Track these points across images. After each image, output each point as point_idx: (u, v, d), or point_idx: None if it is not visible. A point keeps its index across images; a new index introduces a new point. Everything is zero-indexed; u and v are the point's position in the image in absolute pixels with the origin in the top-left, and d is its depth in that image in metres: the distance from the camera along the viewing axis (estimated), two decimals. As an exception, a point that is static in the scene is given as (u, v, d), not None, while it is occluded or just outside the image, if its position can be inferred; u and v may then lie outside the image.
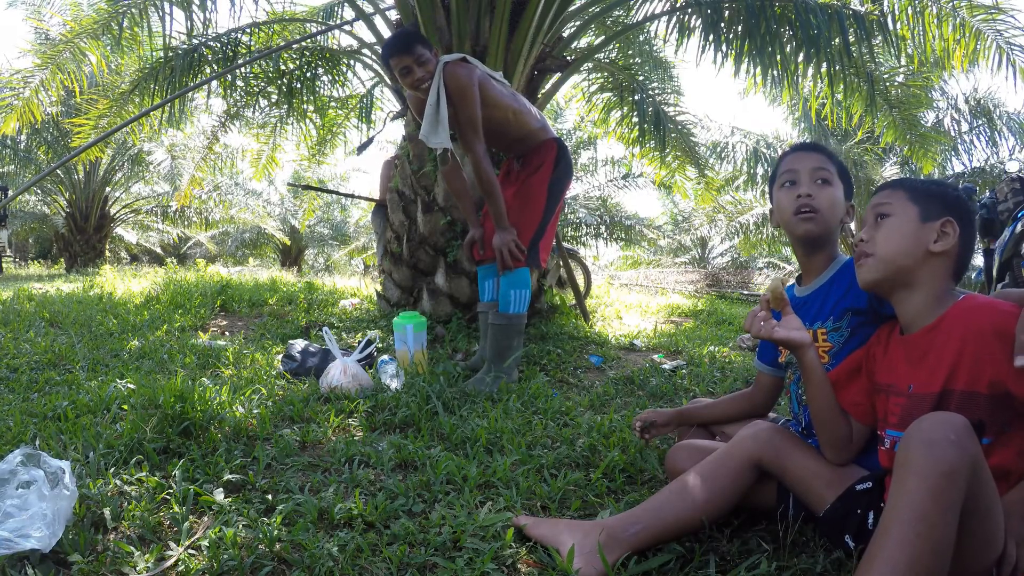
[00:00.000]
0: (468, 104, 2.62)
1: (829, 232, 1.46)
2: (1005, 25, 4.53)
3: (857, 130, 10.14)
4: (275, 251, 22.77)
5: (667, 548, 1.27)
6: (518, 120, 2.84)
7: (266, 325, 4.13)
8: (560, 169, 2.87)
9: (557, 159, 2.87)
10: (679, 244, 20.34)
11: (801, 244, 1.49)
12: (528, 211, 2.81)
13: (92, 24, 5.13)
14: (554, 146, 2.89)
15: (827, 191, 1.44)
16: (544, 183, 2.84)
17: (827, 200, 1.43)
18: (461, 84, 2.60)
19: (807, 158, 1.46)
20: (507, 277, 2.76)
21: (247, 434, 1.89)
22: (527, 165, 2.92)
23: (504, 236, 2.71)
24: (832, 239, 1.48)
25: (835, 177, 1.45)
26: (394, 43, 2.64)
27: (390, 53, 2.64)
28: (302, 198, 16.81)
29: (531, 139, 2.91)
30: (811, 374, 1.29)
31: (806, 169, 1.45)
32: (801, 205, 1.43)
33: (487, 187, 2.68)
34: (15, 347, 3.10)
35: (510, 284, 2.76)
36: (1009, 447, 1.10)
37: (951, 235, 1.19)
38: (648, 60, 6.83)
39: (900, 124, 5.77)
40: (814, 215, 1.43)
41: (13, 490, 1.21)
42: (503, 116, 2.78)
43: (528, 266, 2.78)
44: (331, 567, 1.18)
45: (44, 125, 10.87)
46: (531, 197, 2.83)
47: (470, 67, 2.67)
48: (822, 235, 1.45)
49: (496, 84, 2.80)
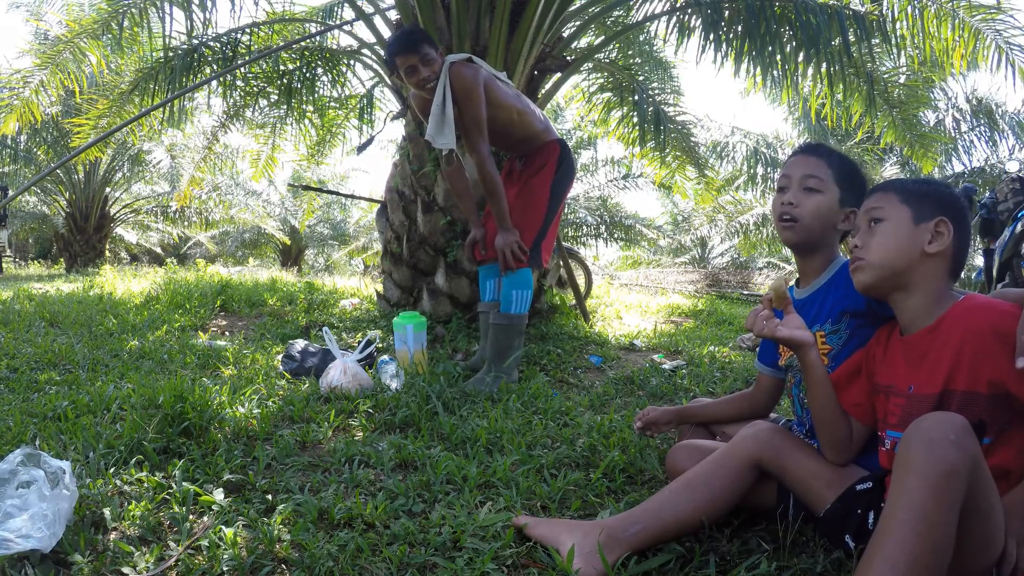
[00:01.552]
0: (473, 105, 2.61)
1: (812, 238, 1.45)
2: (1004, 25, 4.53)
3: (857, 130, 10.13)
4: (275, 251, 22.75)
5: (667, 548, 1.27)
6: (522, 121, 2.84)
7: (266, 325, 4.13)
8: (563, 170, 2.87)
9: (560, 160, 2.87)
10: (679, 244, 20.31)
11: (789, 249, 1.51)
12: (530, 212, 2.82)
13: (92, 24, 5.13)
14: (557, 147, 2.89)
15: (813, 199, 1.43)
16: (547, 184, 2.84)
17: (810, 209, 1.42)
18: (467, 85, 2.60)
19: (802, 163, 1.46)
20: (509, 277, 2.76)
21: (247, 434, 1.89)
22: (529, 165, 2.92)
23: (507, 237, 2.71)
24: (824, 244, 1.47)
25: (828, 183, 1.43)
26: (399, 41, 2.63)
27: (395, 51, 2.62)
28: (302, 198, 16.83)
29: (534, 140, 2.91)
30: (813, 374, 1.28)
31: (797, 175, 1.45)
32: (782, 213, 1.44)
33: (491, 187, 2.68)
34: (15, 347, 3.10)
35: (512, 284, 2.76)
36: (1010, 447, 1.10)
37: (945, 235, 1.18)
38: (648, 60, 6.83)
39: (900, 124, 5.77)
40: (793, 223, 1.43)
41: (13, 490, 1.21)
42: (507, 117, 2.78)
43: (530, 267, 2.78)
44: (331, 567, 1.18)
45: (44, 125, 10.85)
46: (533, 198, 2.84)
47: (475, 67, 2.67)
48: (803, 243, 1.46)
49: (501, 84, 2.81)
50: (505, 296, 2.77)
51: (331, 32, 5.95)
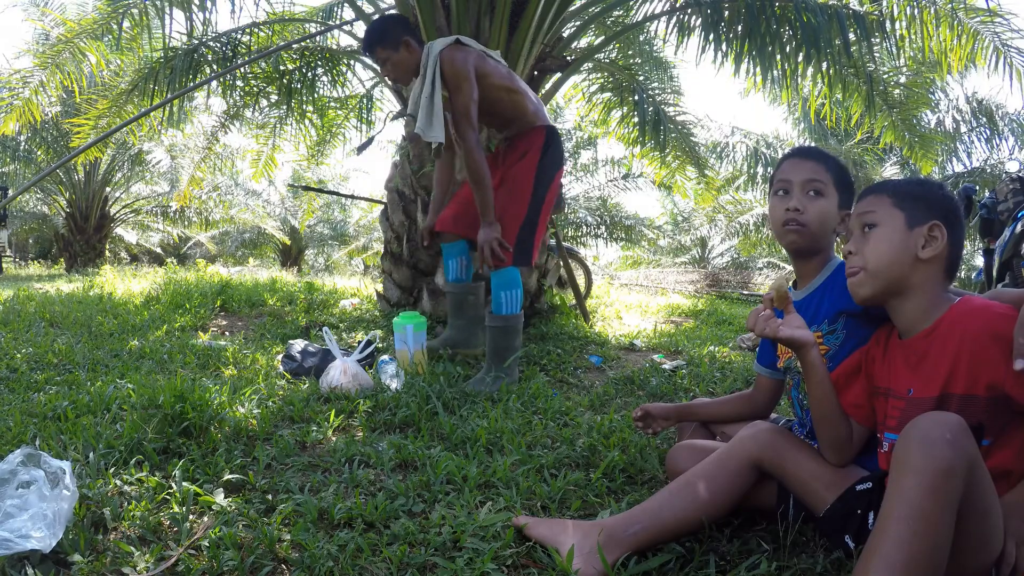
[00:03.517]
0: (464, 93, 2.55)
1: (817, 243, 1.45)
2: (1002, 27, 4.54)
3: (857, 130, 10.14)
4: (275, 251, 22.75)
5: (667, 548, 1.27)
6: (512, 100, 2.75)
7: (266, 325, 4.13)
8: (548, 158, 2.74)
9: (545, 146, 2.74)
10: (679, 244, 20.34)
11: (790, 253, 1.51)
12: (513, 203, 2.70)
13: (92, 24, 5.13)
14: (542, 133, 2.77)
15: (818, 203, 1.42)
16: (531, 172, 2.71)
17: (816, 213, 1.42)
18: (457, 71, 2.55)
19: (802, 167, 1.45)
20: (496, 278, 2.67)
21: (247, 434, 1.89)
22: (512, 151, 2.81)
23: (488, 232, 2.60)
24: (824, 247, 1.48)
25: (829, 187, 1.43)
26: (365, 38, 2.74)
27: (364, 47, 2.74)
28: (302, 198, 16.83)
29: (522, 122, 2.81)
30: (813, 374, 1.28)
31: (799, 180, 1.44)
32: (789, 219, 1.43)
33: (476, 176, 2.59)
34: (15, 347, 3.10)
35: (499, 286, 2.67)
36: (1009, 448, 1.10)
37: (939, 239, 1.17)
38: (648, 60, 6.83)
39: (900, 125, 5.78)
40: (801, 228, 1.43)
41: (13, 490, 1.21)
42: (496, 95, 2.71)
43: (515, 265, 2.68)
44: (331, 567, 1.18)
45: (44, 125, 10.87)
46: (516, 187, 2.71)
47: (465, 51, 2.62)
48: (809, 247, 1.46)
49: (491, 61, 2.74)
50: (495, 299, 2.68)
51: (331, 32, 5.95)
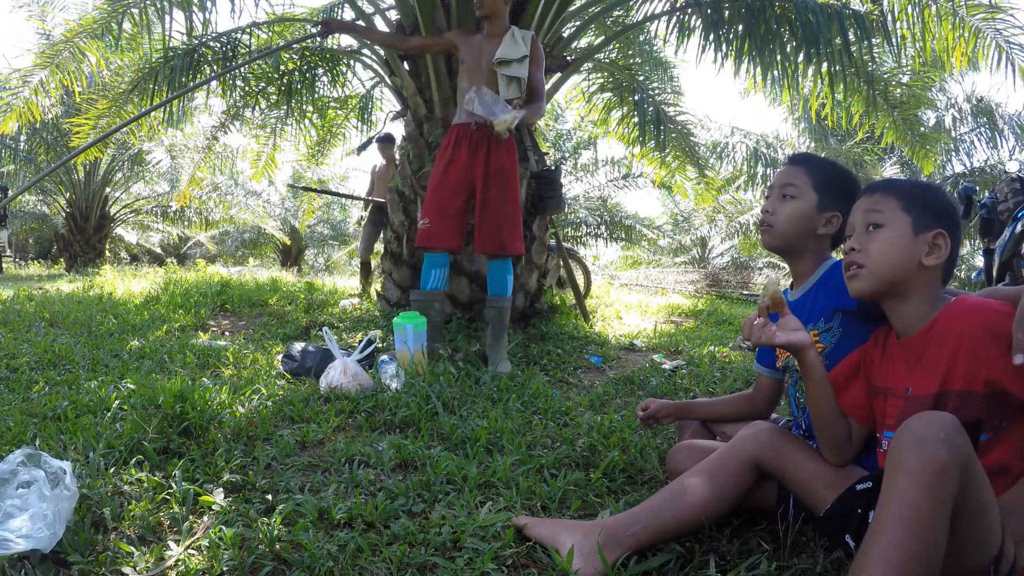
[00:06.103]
0: (543, 71, 3.13)
1: (789, 243, 1.51)
2: (1004, 24, 4.53)
3: (857, 130, 10.14)
4: (275, 251, 22.75)
5: (667, 548, 1.27)
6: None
7: (266, 325, 4.13)
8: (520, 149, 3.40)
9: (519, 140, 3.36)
10: (679, 244, 20.32)
11: (771, 252, 1.60)
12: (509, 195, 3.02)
13: (92, 24, 5.12)
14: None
15: (788, 206, 1.49)
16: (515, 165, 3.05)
17: (784, 215, 1.49)
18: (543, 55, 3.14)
19: (783, 173, 1.53)
20: (501, 265, 3.08)
21: (247, 434, 1.89)
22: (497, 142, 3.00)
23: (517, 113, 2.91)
24: (808, 247, 1.51)
25: (803, 190, 1.48)
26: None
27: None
28: (302, 198, 16.80)
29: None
30: (811, 374, 1.28)
31: (777, 184, 1.53)
32: (761, 219, 1.54)
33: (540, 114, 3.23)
34: (15, 347, 3.10)
35: (504, 271, 3.09)
36: (1008, 443, 1.10)
37: (943, 248, 1.18)
38: (648, 60, 6.83)
39: (900, 124, 5.77)
40: (769, 229, 1.51)
41: (13, 490, 1.21)
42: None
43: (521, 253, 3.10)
44: (331, 567, 1.18)
45: (44, 125, 10.86)
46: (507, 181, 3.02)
47: None
48: (779, 247, 1.53)
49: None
50: (501, 283, 3.09)
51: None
